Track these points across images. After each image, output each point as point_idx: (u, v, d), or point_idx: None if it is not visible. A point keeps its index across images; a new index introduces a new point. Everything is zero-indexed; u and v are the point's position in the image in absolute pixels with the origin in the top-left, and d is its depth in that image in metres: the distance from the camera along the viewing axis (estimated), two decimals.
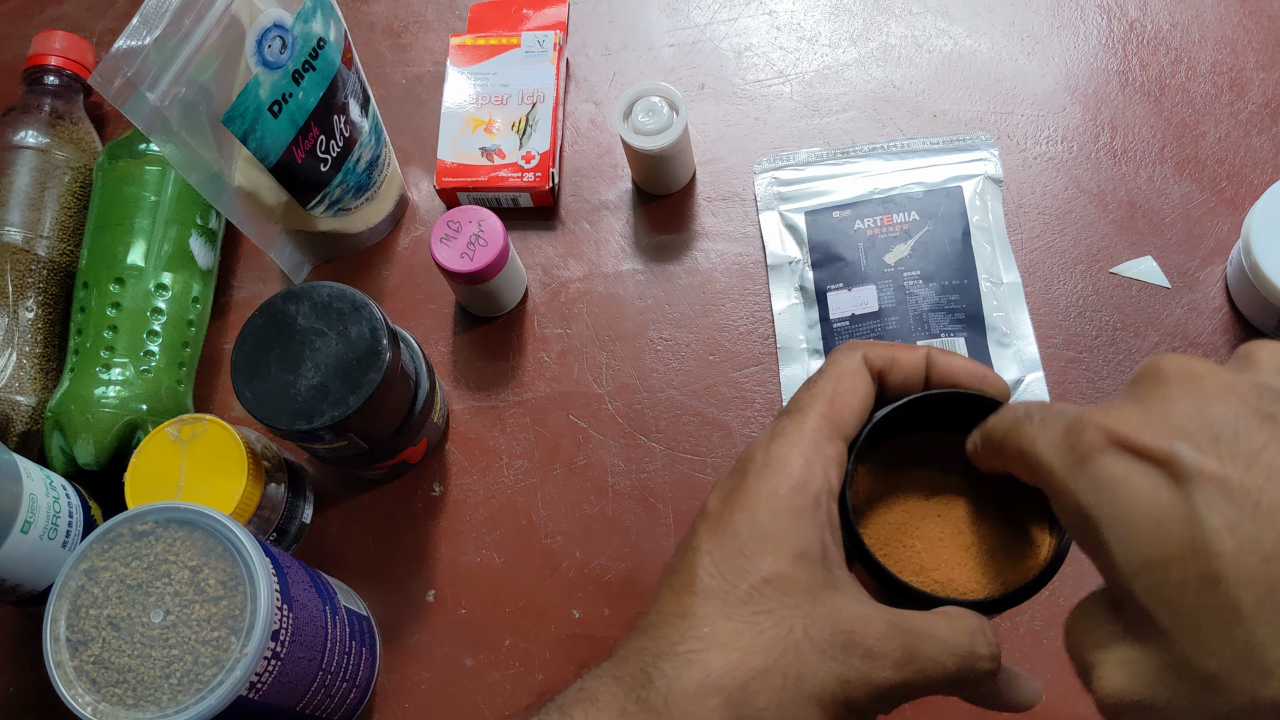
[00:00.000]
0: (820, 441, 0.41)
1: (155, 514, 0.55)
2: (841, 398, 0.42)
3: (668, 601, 0.40)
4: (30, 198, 0.76)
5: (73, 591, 0.54)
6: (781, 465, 0.40)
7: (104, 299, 0.71)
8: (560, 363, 0.75)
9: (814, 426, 0.41)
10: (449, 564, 0.71)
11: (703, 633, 0.38)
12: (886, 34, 0.83)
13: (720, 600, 0.39)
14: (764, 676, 0.37)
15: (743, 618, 0.38)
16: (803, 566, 0.39)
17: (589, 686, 0.39)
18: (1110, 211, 0.75)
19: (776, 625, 0.38)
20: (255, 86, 0.65)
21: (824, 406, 0.42)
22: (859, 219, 0.74)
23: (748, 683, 0.37)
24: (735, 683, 0.37)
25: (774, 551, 0.39)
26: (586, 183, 0.81)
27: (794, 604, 0.38)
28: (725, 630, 0.38)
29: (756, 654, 0.38)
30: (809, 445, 0.41)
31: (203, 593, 0.54)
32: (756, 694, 0.37)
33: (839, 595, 0.39)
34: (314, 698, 0.60)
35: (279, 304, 0.63)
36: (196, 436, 0.65)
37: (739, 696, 0.37)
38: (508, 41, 0.81)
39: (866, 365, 0.43)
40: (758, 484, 0.40)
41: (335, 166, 0.72)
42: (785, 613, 0.38)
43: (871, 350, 0.43)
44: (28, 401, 0.72)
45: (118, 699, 0.52)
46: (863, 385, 0.42)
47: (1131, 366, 0.71)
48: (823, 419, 0.41)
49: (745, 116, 0.81)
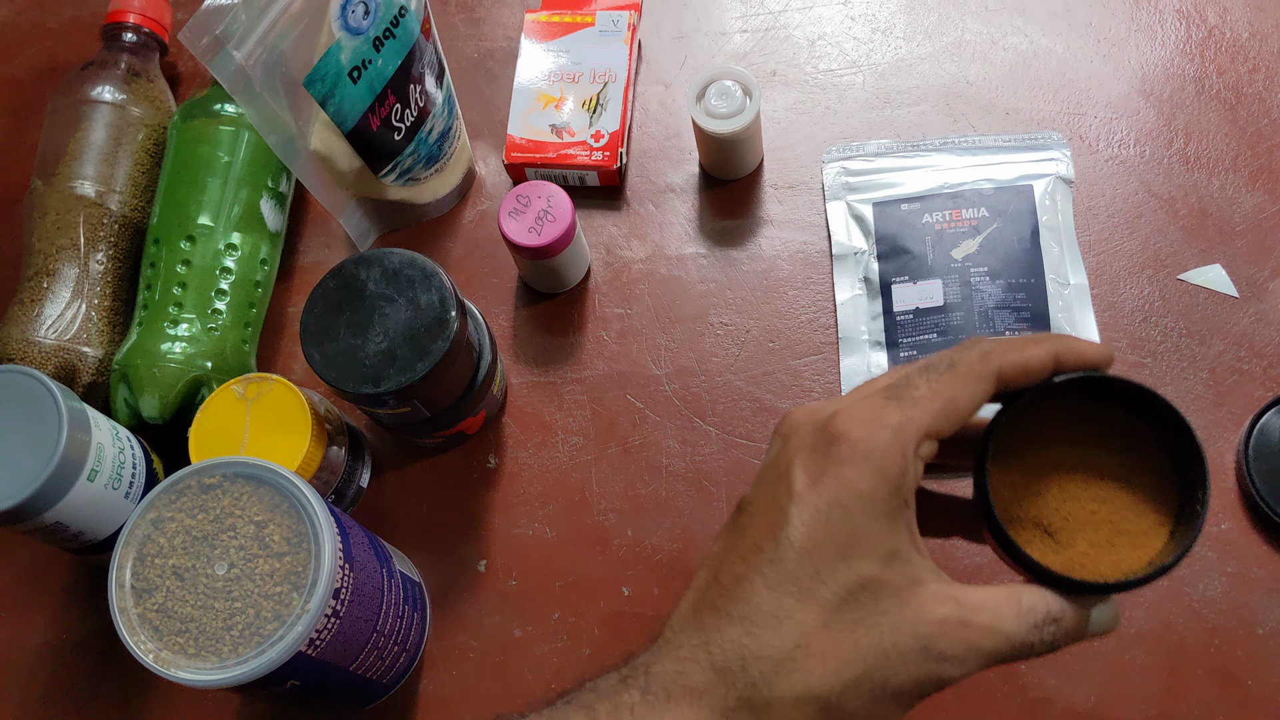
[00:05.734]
0: (922, 440, 0.40)
1: (223, 468, 0.56)
2: (958, 402, 0.41)
3: (763, 596, 0.40)
4: (104, 152, 0.77)
5: (139, 540, 0.55)
6: (882, 464, 0.40)
7: (174, 255, 0.72)
8: (619, 342, 0.76)
9: (921, 424, 0.40)
10: (501, 535, 0.71)
11: (803, 641, 0.39)
12: (962, 30, 0.82)
13: (818, 605, 0.39)
14: (855, 685, 0.39)
15: (840, 625, 0.39)
16: (893, 568, 0.40)
17: (687, 671, 0.40)
18: (1180, 218, 0.75)
19: (869, 633, 0.39)
20: (337, 51, 0.65)
21: (938, 407, 0.41)
22: (927, 212, 0.73)
23: (842, 691, 0.38)
24: (832, 691, 0.38)
25: (868, 555, 0.39)
26: (653, 164, 0.81)
27: (884, 609, 0.39)
28: (824, 639, 0.39)
29: (852, 665, 0.39)
30: (912, 444, 0.40)
31: (267, 548, 0.55)
32: (847, 701, 0.39)
33: (923, 591, 0.40)
34: (366, 658, 0.60)
35: (350, 269, 0.64)
36: (262, 395, 0.66)
37: (832, 702, 0.38)
38: (582, 19, 0.82)
39: (997, 379, 0.41)
40: (855, 478, 0.40)
41: (408, 136, 0.73)
42: (877, 619, 0.39)
43: (1006, 361, 0.41)
44: (94, 353, 0.72)
45: (179, 648, 0.53)
46: (983, 395, 0.41)
47: (1196, 374, 0.70)
48: (931, 419, 0.40)
49: (815, 105, 0.81)
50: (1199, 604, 0.65)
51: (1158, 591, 0.65)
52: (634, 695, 0.40)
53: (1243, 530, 0.66)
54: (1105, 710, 0.63)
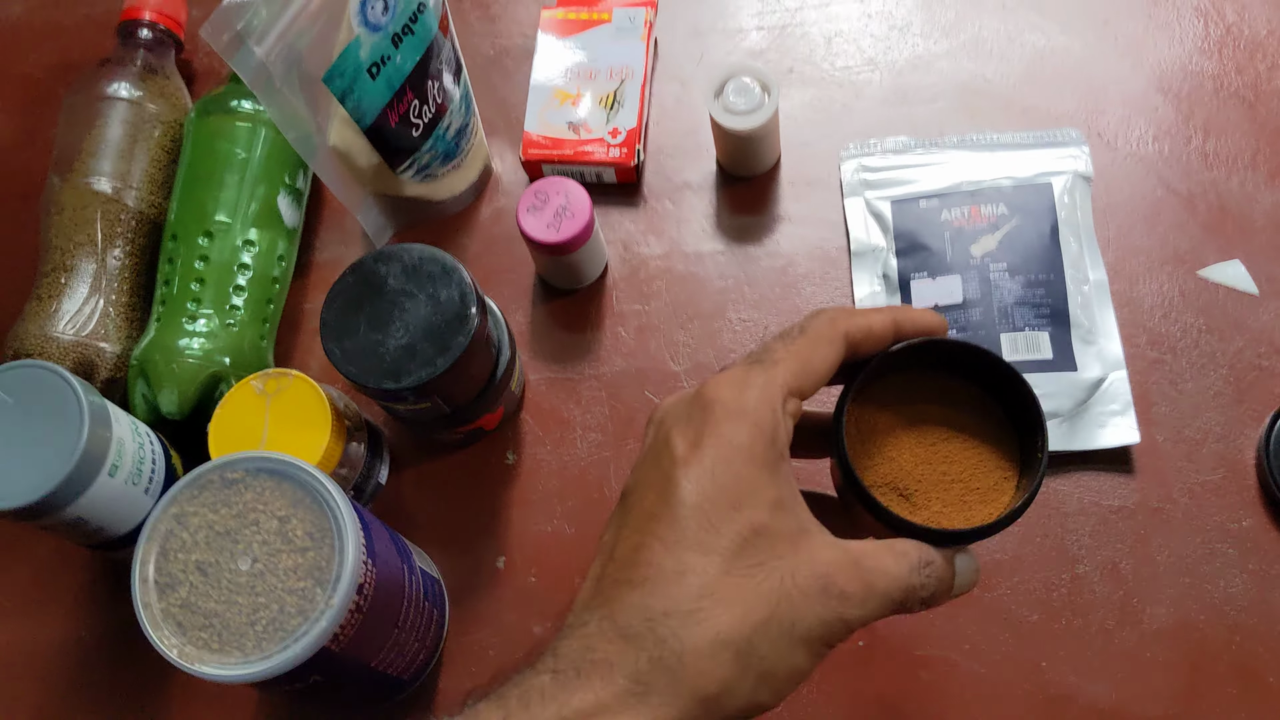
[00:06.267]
0: (787, 397, 0.43)
1: (246, 463, 0.56)
2: (814, 363, 0.44)
3: (662, 556, 0.41)
4: (121, 149, 0.77)
5: (162, 535, 0.55)
6: (755, 418, 0.42)
7: (193, 251, 0.72)
8: (637, 339, 0.76)
9: (784, 382, 0.43)
10: (520, 532, 0.71)
11: (707, 590, 0.40)
12: (979, 27, 0.82)
13: (717, 555, 0.40)
14: (764, 627, 0.39)
15: (740, 571, 0.40)
16: (780, 516, 0.41)
17: (594, 646, 0.40)
18: (1199, 215, 0.74)
19: (769, 576, 0.40)
20: (356, 47, 0.65)
21: (796, 366, 0.44)
22: (946, 209, 0.73)
23: (751, 635, 0.39)
24: (742, 636, 0.39)
25: (756, 503, 0.41)
26: (670, 161, 0.81)
27: (780, 554, 0.41)
28: (728, 586, 0.40)
29: (757, 607, 0.40)
30: (779, 399, 0.43)
31: (290, 543, 0.54)
32: (759, 644, 0.39)
33: (812, 539, 0.42)
34: (388, 654, 0.60)
35: (370, 264, 0.63)
36: (281, 391, 0.66)
37: (744, 648, 0.39)
38: (599, 17, 0.82)
39: (845, 341, 0.45)
40: (733, 433, 0.42)
41: (426, 132, 0.73)
42: (775, 563, 0.40)
43: (852, 324, 0.45)
44: (112, 349, 0.72)
45: (203, 643, 0.53)
46: (834, 356, 0.45)
47: (1216, 371, 0.70)
48: (793, 377, 0.44)
49: (833, 102, 0.81)
50: (1220, 601, 0.65)
51: (1179, 588, 0.65)
52: (543, 679, 0.40)
53: (1264, 527, 0.66)
54: (1126, 707, 0.63)
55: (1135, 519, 0.67)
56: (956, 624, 0.66)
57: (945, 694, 0.64)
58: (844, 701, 0.65)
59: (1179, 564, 0.66)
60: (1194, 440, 0.69)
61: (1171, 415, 0.69)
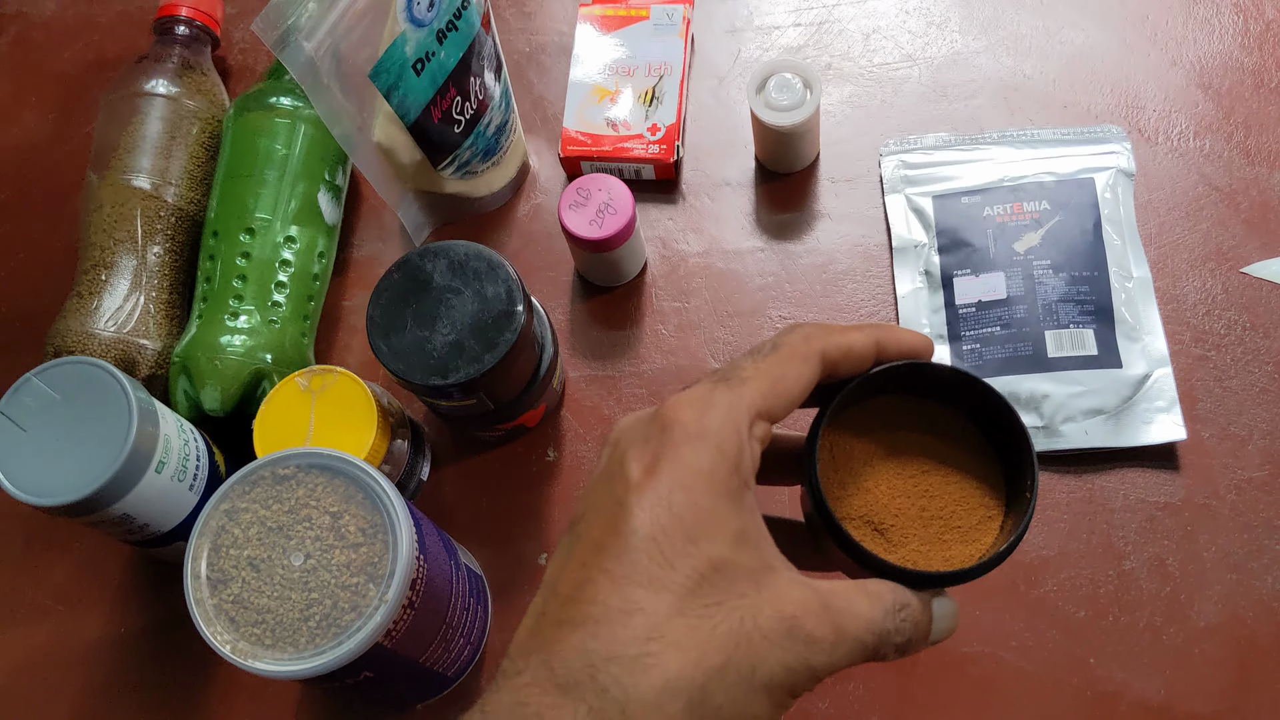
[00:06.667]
0: (754, 420, 0.39)
1: (297, 459, 0.56)
2: (785, 382, 0.40)
3: (608, 593, 0.36)
4: (159, 145, 0.77)
5: (213, 531, 0.55)
6: (718, 442, 0.38)
7: (234, 248, 0.72)
8: (677, 336, 0.75)
9: (751, 403, 0.39)
10: (561, 529, 0.71)
11: (657, 632, 0.35)
12: (1017, 23, 0.82)
13: (670, 593, 0.36)
14: (720, 673, 0.35)
15: (695, 611, 0.36)
16: (742, 550, 0.37)
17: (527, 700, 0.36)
18: (1242, 211, 0.74)
19: (728, 617, 0.36)
20: (402, 43, 0.65)
21: (766, 386, 0.40)
22: (988, 205, 0.73)
23: (705, 682, 0.35)
24: (694, 684, 0.35)
25: (716, 536, 0.37)
26: (709, 158, 0.80)
27: (741, 592, 0.36)
28: (679, 627, 0.35)
29: (713, 651, 0.35)
30: (744, 423, 0.39)
31: (343, 538, 0.54)
32: (714, 693, 0.35)
33: (777, 577, 0.38)
34: (435, 651, 0.60)
35: (416, 261, 0.63)
36: (326, 388, 0.66)
37: (697, 697, 0.35)
38: (637, 13, 0.81)
39: (821, 360, 0.41)
40: (693, 458, 0.37)
41: (467, 129, 0.73)
42: (735, 602, 0.36)
43: (829, 343, 0.41)
44: (153, 346, 0.72)
45: (256, 639, 0.53)
46: (809, 376, 0.41)
47: (1261, 368, 0.70)
48: (761, 398, 0.39)
49: (871, 99, 0.81)
50: (1268, 597, 0.64)
51: (1226, 585, 0.65)
52: None
53: None
54: (1175, 703, 0.63)
55: (1182, 515, 0.67)
56: (1003, 620, 0.65)
57: (993, 690, 0.64)
58: (890, 698, 0.65)
59: (1226, 560, 0.66)
60: (1240, 437, 0.68)
61: (1217, 412, 0.69)
